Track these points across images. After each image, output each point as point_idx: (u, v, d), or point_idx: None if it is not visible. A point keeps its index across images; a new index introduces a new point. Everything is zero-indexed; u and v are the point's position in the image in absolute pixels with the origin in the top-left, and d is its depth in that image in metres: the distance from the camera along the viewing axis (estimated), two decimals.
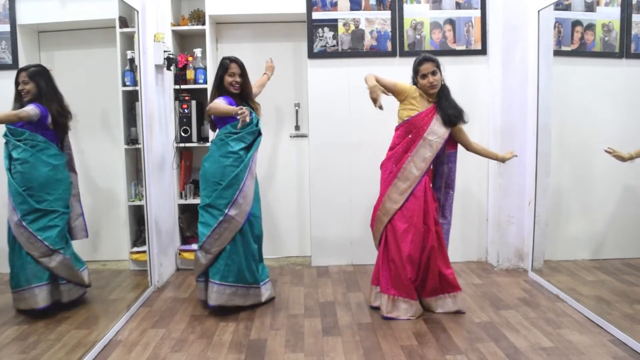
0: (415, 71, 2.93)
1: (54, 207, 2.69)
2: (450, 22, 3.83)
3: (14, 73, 2.66)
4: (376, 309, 3.00)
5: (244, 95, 3.09)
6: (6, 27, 2.62)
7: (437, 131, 2.89)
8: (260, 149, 3.15)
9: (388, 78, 2.92)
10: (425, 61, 2.87)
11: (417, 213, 2.85)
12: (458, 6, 3.82)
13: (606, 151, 2.89)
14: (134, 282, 3.44)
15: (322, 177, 3.91)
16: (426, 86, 2.88)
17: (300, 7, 3.80)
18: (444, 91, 2.93)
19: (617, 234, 3.60)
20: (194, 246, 3.87)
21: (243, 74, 3.06)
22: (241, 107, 2.83)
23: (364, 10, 3.81)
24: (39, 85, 2.63)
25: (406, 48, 3.83)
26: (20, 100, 2.60)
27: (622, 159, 2.88)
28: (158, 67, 3.48)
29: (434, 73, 2.86)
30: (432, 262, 2.87)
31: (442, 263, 2.90)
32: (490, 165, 3.87)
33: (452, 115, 2.90)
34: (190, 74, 3.84)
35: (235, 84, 3.03)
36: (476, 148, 3.08)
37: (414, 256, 2.84)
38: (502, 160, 3.08)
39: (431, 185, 2.97)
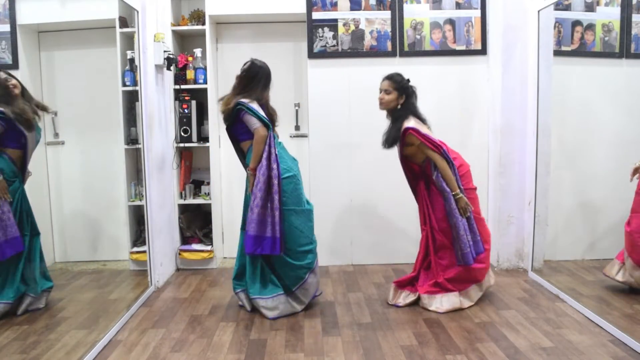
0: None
1: None
2: (450, 22, 3.83)
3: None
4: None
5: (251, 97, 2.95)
6: (6, 27, 2.62)
7: (399, 155, 3.08)
8: None
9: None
10: (385, 78, 3.01)
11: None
12: (458, 6, 3.82)
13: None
14: (134, 282, 3.44)
15: (322, 177, 3.91)
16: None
17: (300, 7, 3.80)
18: (394, 114, 2.98)
19: (617, 234, 3.59)
20: (194, 246, 3.88)
21: (251, 72, 2.94)
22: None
23: (364, 10, 3.81)
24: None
25: (406, 48, 3.83)
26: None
27: None
28: (158, 67, 3.48)
29: (386, 91, 2.97)
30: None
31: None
32: (490, 165, 3.88)
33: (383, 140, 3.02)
34: (190, 74, 3.84)
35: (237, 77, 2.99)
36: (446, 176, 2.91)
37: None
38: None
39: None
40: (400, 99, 2.95)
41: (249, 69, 2.94)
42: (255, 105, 2.89)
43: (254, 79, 2.94)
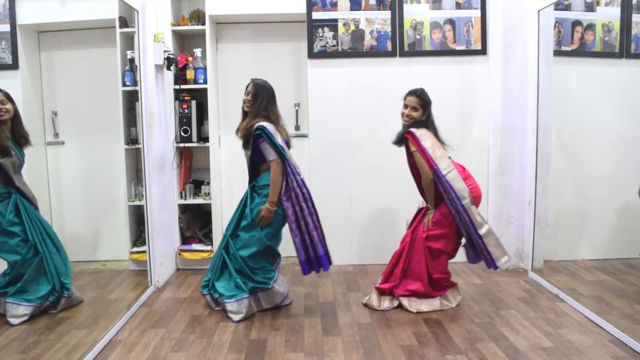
0: (404, 98, 3.02)
1: None
2: (450, 22, 3.83)
3: (14, 73, 2.66)
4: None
5: (269, 118, 2.96)
6: (6, 27, 2.62)
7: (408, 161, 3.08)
8: None
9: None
10: (413, 94, 2.98)
11: None
12: (458, 6, 3.82)
13: None
14: (134, 282, 3.44)
15: (322, 177, 3.91)
16: (401, 115, 2.99)
17: (300, 7, 3.80)
18: (418, 121, 2.97)
19: (617, 234, 3.60)
20: (194, 246, 3.88)
21: (257, 94, 2.94)
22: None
23: (364, 10, 3.81)
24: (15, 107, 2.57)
25: (406, 48, 3.83)
26: None
27: None
28: (158, 67, 3.48)
29: (413, 109, 2.95)
30: None
31: None
32: (490, 165, 3.87)
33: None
34: (190, 74, 3.84)
35: (246, 102, 2.98)
36: (425, 190, 3.00)
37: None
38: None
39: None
40: (424, 115, 2.98)
41: (255, 92, 2.95)
42: (272, 129, 2.90)
43: (262, 98, 2.94)
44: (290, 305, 3.11)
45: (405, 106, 2.98)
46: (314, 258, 2.94)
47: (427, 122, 2.98)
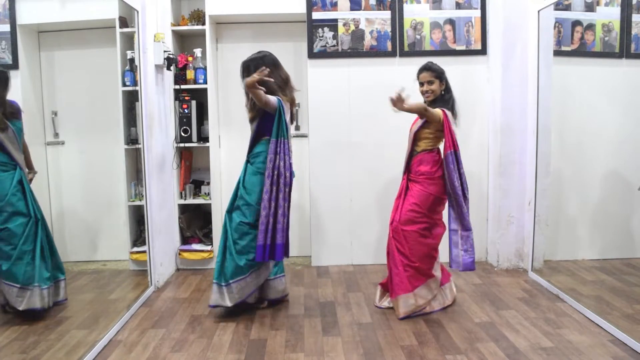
0: (417, 78, 3.01)
1: None
2: (450, 22, 3.83)
3: (14, 73, 2.65)
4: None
5: (283, 90, 2.97)
6: (6, 27, 2.62)
7: (413, 128, 3.00)
8: None
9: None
10: (424, 70, 2.96)
11: (394, 209, 3.02)
12: (458, 6, 3.82)
13: None
14: (134, 282, 3.44)
15: (322, 177, 3.91)
16: (422, 94, 2.99)
17: (300, 7, 3.80)
18: (440, 98, 2.94)
19: (617, 234, 3.60)
20: (194, 246, 3.88)
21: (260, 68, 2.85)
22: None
23: (364, 10, 3.81)
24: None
25: (406, 48, 3.83)
26: None
27: None
28: (158, 67, 3.48)
29: (429, 83, 2.93)
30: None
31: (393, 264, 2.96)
32: (490, 165, 3.88)
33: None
34: (190, 74, 3.84)
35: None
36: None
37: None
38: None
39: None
40: (442, 85, 2.95)
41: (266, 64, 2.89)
42: (286, 108, 2.90)
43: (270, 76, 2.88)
44: (291, 305, 3.11)
45: (421, 84, 2.95)
46: (269, 245, 2.83)
47: (447, 96, 2.93)
